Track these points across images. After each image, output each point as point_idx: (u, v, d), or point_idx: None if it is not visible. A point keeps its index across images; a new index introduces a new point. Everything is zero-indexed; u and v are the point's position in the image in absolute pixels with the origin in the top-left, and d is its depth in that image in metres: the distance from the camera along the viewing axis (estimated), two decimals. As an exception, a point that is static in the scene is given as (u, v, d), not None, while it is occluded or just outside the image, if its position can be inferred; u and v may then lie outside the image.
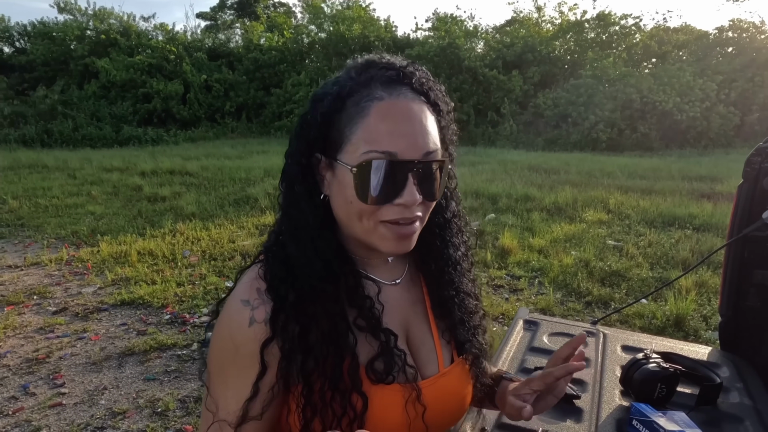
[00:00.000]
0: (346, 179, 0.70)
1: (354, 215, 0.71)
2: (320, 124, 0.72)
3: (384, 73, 0.72)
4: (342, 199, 0.72)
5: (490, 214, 6.45)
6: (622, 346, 1.35)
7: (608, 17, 18.38)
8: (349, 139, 0.70)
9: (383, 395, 0.74)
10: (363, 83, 0.71)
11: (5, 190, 7.94)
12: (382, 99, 0.69)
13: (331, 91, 0.72)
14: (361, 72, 0.72)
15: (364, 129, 0.68)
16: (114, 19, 20.93)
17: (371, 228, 0.71)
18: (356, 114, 0.69)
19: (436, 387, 0.80)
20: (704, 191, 7.46)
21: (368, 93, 0.70)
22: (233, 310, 0.73)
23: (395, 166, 0.68)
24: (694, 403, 1.06)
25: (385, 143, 0.67)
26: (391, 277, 0.84)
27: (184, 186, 8.45)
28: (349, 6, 21.52)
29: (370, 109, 0.69)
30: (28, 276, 4.55)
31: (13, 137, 14.83)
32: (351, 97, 0.70)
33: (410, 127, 0.69)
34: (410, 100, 0.71)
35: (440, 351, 0.84)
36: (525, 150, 14.10)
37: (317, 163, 0.75)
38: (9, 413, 2.59)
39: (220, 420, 0.73)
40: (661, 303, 3.84)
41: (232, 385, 0.73)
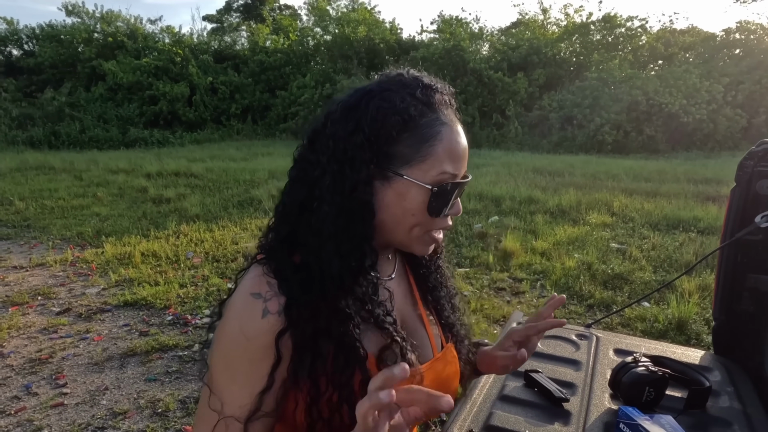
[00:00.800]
0: (411, 194, 0.76)
1: (407, 225, 0.78)
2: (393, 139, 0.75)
3: (443, 98, 0.80)
4: (400, 210, 0.77)
5: (493, 216, 6.44)
6: (614, 349, 1.35)
7: (614, 19, 18.33)
8: (424, 159, 0.75)
9: None
10: (429, 105, 0.78)
11: (12, 191, 8.02)
12: (446, 125, 0.78)
13: (404, 111, 0.75)
14: (424, 93, 0.78)
15: (441, 151, 0.76)
16: (121, 21, 21.13)
17: (419, 236, 0.80)
18: (430, 137, 0.76)
19: (432, 370, 0.86)
20: (710, 194, 7.41)
21: (437, 117, 0.77)
22: (243, 304, 0.73)
23: (458, 186, 0.78)
24: (683, 407, 1.06)
25: (453, 165, 0.77)
26: (387, 272, 0.89)
27: (189, 188, 8.50)
28: (354, 8, 21.60)
29: (442, 134, 0.76)
30: (33, 277, 4.60)
31: (20, 139, 14.98)
32: (423, 118, 0.76)
33: (465, 150, 0.80)
34: (460, 123, 0.81)
35: (432, 337, 0.90)
36: (530, 152, 14.07)
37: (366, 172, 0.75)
38: (11, 413, 2.62)
39: (226, 417, 0.71)
40: (663, 306, 3.82)
41: (242, 380, 0.72)
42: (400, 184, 0.75)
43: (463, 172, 0.80)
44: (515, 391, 1.13)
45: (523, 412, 1.05)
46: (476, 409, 1.06)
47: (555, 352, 1.32)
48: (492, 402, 1.09)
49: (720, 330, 1.38)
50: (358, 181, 0.74)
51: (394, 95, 0.76)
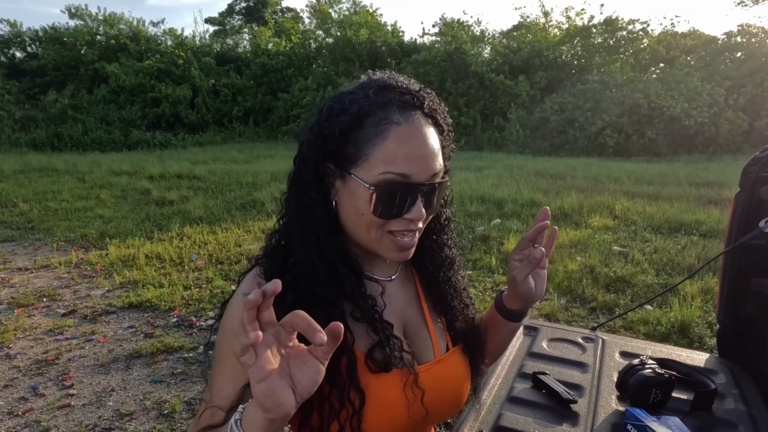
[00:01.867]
0: (359, 193, 0.76)
1: (363, 225, 0.77)
2: (338, 139, 0.77)
3: (401, 98, 0.77)
4: (353, 209, 0.77)
5: (495, 219, 6.46)
6: (620, 352, 1.37)
7: (615, 22, 18.37)
8: (367, 158, 0.75)
9: (382, 382, 0.79)
10: (381, 105, 0.76)
11: (16, 193, 8.05)
12: (399, 123, 0.75)
13: (349, 110, 0.77)
14: (378, 93, 0.77)
15: (383, 151, 0.74)
16: (124, 24, 21.21)
17: (377, 238, 0.78)
18: (375, 135, 0.75)
19: (433, 372, 0.86)
20: (712, 197, 7.42)
21: (386, 116, 0.76)
22: (235, 303, 0.78)
23: (408, 187, 0.75)
24: (689, 409, 1.08)
25: (401, 166, 0.74)
26: (388, 273, 0.90)
27: (192, 190, 8.52)
28: (356, 11, 21.66)
29: (389, 132, 0.75)
30: (38, 278, 4.62)
31: (24, 141, 15.03)
32: (369, 117, 0.76)
33: (423, 151, 0.76)
34: (423, 125, 0.77)
35: (435, 339, 0.90)
36: (531, 155, 14.09)
37: (330, 172, 0.79)
38: (19, 414, 2.64)
39: (212, 406, 0.75)
40: (666, 309, 3.83)
41: (229, 373, 0.76)
42: (351, 183, 0.77)
43: (426, 175, 0.76)
44: (523, 393, 1.15)
45: (532, 414, 1.07)
46: (485, 411, 1.08)
47: (562, 355, 1.34)
48: (501, 403, 1.11)
49: (724, 333, 1.40)
50: (308, 180, 0.79)
51: (347, 96, 0.79)
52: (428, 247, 0.91)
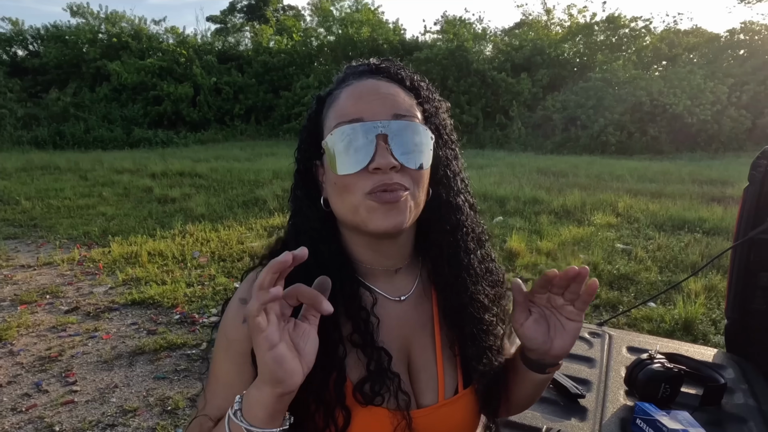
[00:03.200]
0: (326, 162, 0.72)
1: (339, 197, 0.71)
2: (309, 129, 0.77)
3: (357, 69, 0.77)
4: (329, 186, 0.73)
5: (497, 217, 6.44)
6: (627, 347, 1.36)
7: (618, 20, 18.30)
8: (325, 125, 0.74)
9: (369, 418, 0.71)
10: (339, 81, 0.77)
11: (18, 191, 8.05)
12: (351, 84, 0.74)
13: (315, 96, 0.79)
14: (342, 72, 0.79)
15: (334, 110, 0.73)
16: (125, 22, 21.19)
17: (358, 203, 0.69)
18: (330, 105, 0.74)
19: (432, 418, 0.75)
20: (715, 195, 7.40)
21: (341, 85, 0.75)
22: (231, 307, 0.75)
23: (361, 129, 0.68)
24: (698, 404, 1.07)
25: (351, 113, 0.70)
26: (397, 292, 0.79)
27: (194, 188, 8.52)
28: (358, 9, 21.61)
29: (340, 93, 0.73)
30: (41, 275, 4.62)
31: (26, 139, 15.04)
32: (330, 95, 0.76)
33: (376, 96, 0.71)
34: (379, 80, 0.74)
35: (442, 379, 0.78)
36: (533, 153, 14.06)
37: (316, 169, 0.78)
38: (23, 410, 2.64)
39: (202, 415, 0.73)
40: (670, 307, 3.82)
41: (222, 379, 0.74)
42: (324, 163, 0.75)
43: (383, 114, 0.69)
44: (531, 388, 1.14)
45: (541, 408, 1.06)
46: (493, 405, 1.07)
47: (568, 350, 1.33)
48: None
49: (733, 328, 1.39)
50: (296, 179, 0.79)
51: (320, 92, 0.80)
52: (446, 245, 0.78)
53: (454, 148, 0.81)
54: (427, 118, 0.75)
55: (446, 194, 0.78)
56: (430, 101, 0.77)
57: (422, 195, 0.73)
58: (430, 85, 0.80)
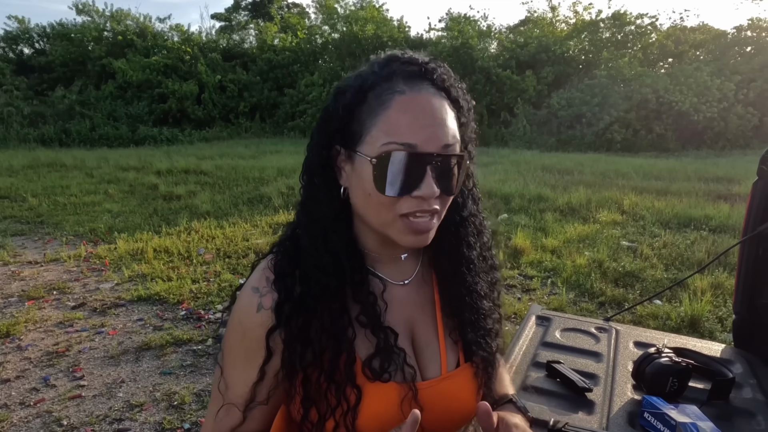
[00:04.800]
0: (365, 171, 0.70)
1: (372, 208, 0.72)
2: (341, 116, 0.73)
3: (406, 68, 0.72)
4: (361, 191, 0.72)
5: (503, 214, 6.43)
6: (634, 342, 1.36)
7: (623, 17, 18.20)
8: (369, 131, 0.70)
9: (379, 392, 0.75)
10: (385, 77, 0.72)
11: (25, 188, 8.10)
12: (403, 92, 0.70)
13: (353, 84, 0.73)
14: (384, 66, 0.73)
15: (385, 121, 0.69)
16: (131, 20, 21.21)
17: (389, 221, 0.71)
18: (377, 106, 0.70)
19: (436, 390, 0.80)
20: (721, 192, 7.36)
21: (389, 86, 0.71)
22: (244, 296, 0.77)
23: (414, 158, 0.68)
24: (706, 398, 1.07)
25: (405, 135, 0.68)
26: (401, 276, 0.83)
27: (199, 185, 8.55)
28: (362, 6, 21.58)
29: (392, 101, 0.69)
30: (48, 272, 4.65)
31: (32, 137, 15.11)
32: (372, 90, 0.71)
33: (430, 120, 0.69)
34: (431, 94, 0.71)
35: (444, 354, 0.83)
36: (538, 150, 14.02)
37: (336, 155, 0.75)
38: (31, 404, 2.66)
39: (228, 403, 0.77)
40: (676, 304, 3.81)
41: (240, 367, 0.76)
42: (357, 163, 0.72)
43: (436, 145, 0.69)
44: (538, 382, 1.14)
45: (547, 402, 1.06)
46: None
47: (576, 344, 1.33)
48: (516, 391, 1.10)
49: (741, 323, 1.38)
50: (314, 164, 0.76)
51: (353, 74, 0.75)
52: (445, 239, 0.82)
53: (472, 151, 0.81)
54: (462, 132, 0.76)
55: (457, 195, 0.80)
56: (465, 112, 0.78)
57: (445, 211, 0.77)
58: (463, 85, 0.80)
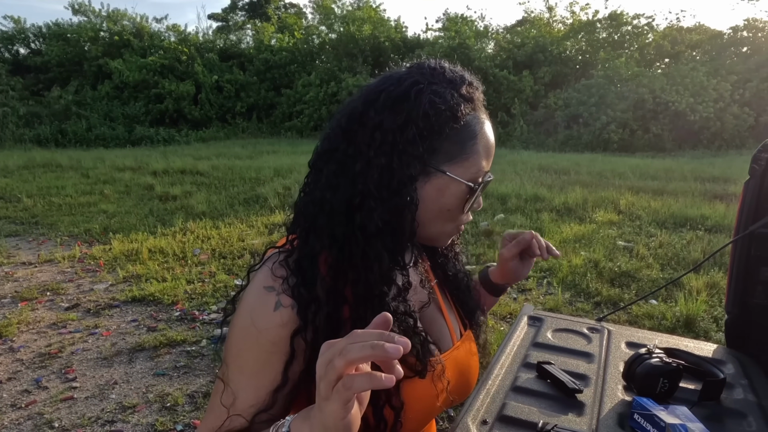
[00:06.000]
0: (451, 190, 0.77)
1: (443, 220, 0.80)
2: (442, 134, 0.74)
3: (479, 95, 0.81)
4: (436, 206, 0.77)
5: (499, 214, 6.43)
6: (626, 342, 1.35)
7: (620, 17, 18.24)
8: (468, 157, 0.77)
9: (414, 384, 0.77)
10: (473, 103, 0.79)
11: (20, 188, 8.07)
12: (484, 123, 0.80)
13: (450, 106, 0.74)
14: (469, 91, 0.78)
15: (479, 152, 0.78)
16: (127, 20, 21.21)
17: (450, 231, 0.83)
18: (475, 134, 0.77)
19: (452, 359, 0.86)
20: (717, 192, 7.37)
21: (477, 115, 0.79)
22: (255, 297, 0.72)
23: (488, 183, 0.83)
24: (697, 399, 1.06)
25: (487, 163, 0.81)
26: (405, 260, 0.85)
27: (195, 185, 8.53)
28: (359, 7, 21.58)
29: (482, 132, 0.79)
30: (42, 272, 4.63)
31: (28, 137, 15.07)
32: (468, 115, 0.77)
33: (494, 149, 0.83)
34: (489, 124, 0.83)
35: (451, 325, 0.90)
36: (535, 150, 14.03)
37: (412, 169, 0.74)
38: (22, 406, 2.64)
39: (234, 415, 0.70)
40: (671, 304, 3.80)
41: (249, 373, 0.71)
42: (441, 180, 0.76)
43: None
44: (528, 382, 1.13)
45: (537, 403, 1.05)
46: (489, 400, 1.06)
47: (567, 345, 1.32)
48: (505, 393, 1.09)
49: (733, 323, 1.37)
50: (406, 177, 0.72)
51: (444, 90, 0.74)
52: None
53: None
54: None
55: None
56: None
57: None
58: None
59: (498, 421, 1.00)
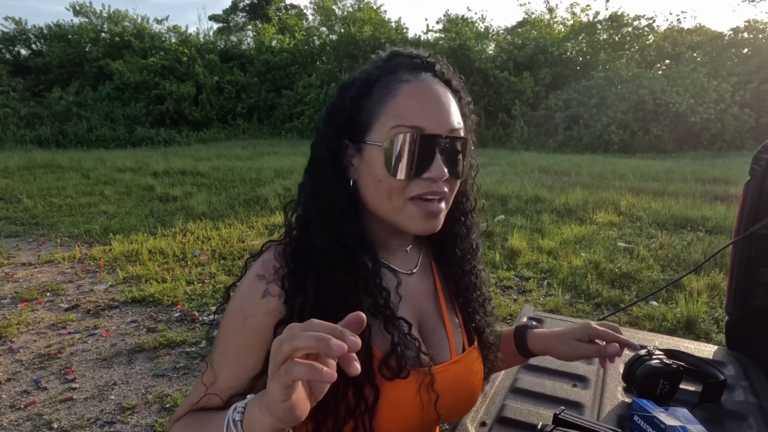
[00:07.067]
0: (375, 158, 0.73)
1: (383, 194, 0.74)
2: (349, 109, 0.75)
3: (409, 61, 0.77)
4: (371, 179, 0.74)
5: (499, 215, 6.42)
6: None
7: (621, 18, 18.26)
8: (378, 119, 0.73)
9: (397, 386, 0.75)
10: (389, 70, 0.76)
11: (21, 189, 8.07)
12: (409, 81, 0.74)
13: (358, 78, 0.77)
14: (387, 61, 0.78)
15: (393, 107, 0.73)
16: (128, 21, 21.23)
17: (400, 206, 0.74)
18: (385, 95, 0.74)
19: (449, 374, 0.82)
20: (718, 193, 7.36)
21: (395, 77, 0.75)
22: (247, 284, 0.75)
23: (424, 140, 0.71)
24: (697, 400, 1.05)
25: (413, 118, 0.72)
26: (408, 266, 0.85)
27: (196, 186, 8.53)
28: (360, 8, 21.61)
29: (399, 89, 0.73)
30: (42, 273, 4.62)
31: (29, 138, 15.07)
32: (378, 81, 0.75)
33: (436, 105, 0.73)
34: (435, 83, 0.76)
35: (452, 339, 0.86)
36: (536, 151, 14.03)
37: (345, 149, 0.77)
38: (21, 407, 2.63)
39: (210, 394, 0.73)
40: (672, 305, 3.80)
41: (232, 356, 0.73)
42: (366, 152, 0.75)
43: (443, 128, 0.72)
44: (527, 384, 1.13)
45: (536, 404, 1.04)
46: (489, 402, 1.06)
47: (566, 346, 1.31)
48: (504, 394, 1.09)
49: (733, 325, 1.37)
50: (323, 158, 0.77)
51: (357, 72, 0.79)
52: (455, 230, 0.87)
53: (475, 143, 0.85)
54: (464, 122, 0.79)
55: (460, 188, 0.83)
56: (465, 104, 0.82)
57: (453, 197, 0.79)
58: (462, 79, 0.84)
59: (497, 423, 0.99)
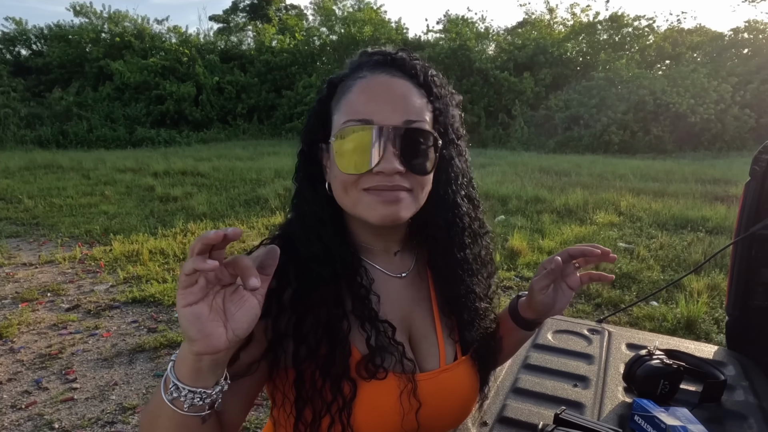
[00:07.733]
0: (332, 155, 0.73)
1: (340, 189, 0.73)
2: (318, 112, 0.76)
3: (372, 58, 0.76)
4: (332, 177, 0.75)
5: (499, 215, 6.43)
6: (626, 343, 1.35)
7: (621, 18, 18.26)
8: (336, 117, 0.74)
9: (377, 385, 0.73)
10: (353, 69, 0.76)
11: (21, 189, 8.07)
12: (364, 77, 0.73)
13: (328, 80, 0.78)
14: (354, 61, 0.78)
15: (346, 103, 0.72)
16: (128, 21, 21.25)
17: (357, 198, 0.72)
18: (343, 94, 0.74)
19: (435, 382, 0.79)
20: (718, 194, 7.36)
21: (355, 75, 0.74)
22: None
23: (370, 132, 0.69)
24: (698, 400, 1.06)
25: (362, 112, 0.70)
26: (398, 270, 0.83)
27: (196, 186, 8.53)
28: (360, 8, 21.61)
29: (354, 85, 0.73)
30: (43, 273, 4.63)
31: (29, 138, 15.08)
32: (342, 81, 0.75)
33: (388, 97, 0.71)
34: (393, 77, 0.73)
35: (443, 347, 0.83)
36: (536, 152, 14.03)
37: (321, 153, 0.78)
38: (22, 407, 2.64)
39: None
40: (672, 305, 3.80)
41: None
42: (330, 152, 0.74)
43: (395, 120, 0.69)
44: (528, 384, 1.13)
45: (537, 404, 1.05)
46: (489, 401, 1.06)
47: (567, 346, 1.32)
48: (505, 394, 1.09)
49: (734, 325, 1.37)
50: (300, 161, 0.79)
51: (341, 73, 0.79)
52: (439, 238, 0.82)
53: (459, 144, 0.82)
54: (436, 117, 0.77)
55: (444, 191, 0.80)
56: (441, 98, 0.78)
57: (424, 194, 0.76)
58: (443, 78, 0.81)
59: (498, 423, 1.00)
